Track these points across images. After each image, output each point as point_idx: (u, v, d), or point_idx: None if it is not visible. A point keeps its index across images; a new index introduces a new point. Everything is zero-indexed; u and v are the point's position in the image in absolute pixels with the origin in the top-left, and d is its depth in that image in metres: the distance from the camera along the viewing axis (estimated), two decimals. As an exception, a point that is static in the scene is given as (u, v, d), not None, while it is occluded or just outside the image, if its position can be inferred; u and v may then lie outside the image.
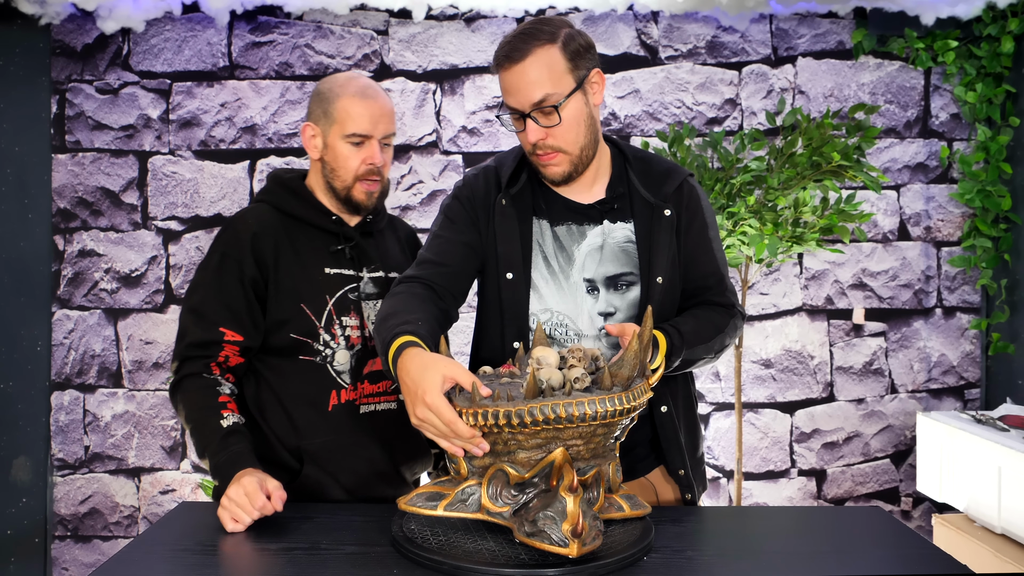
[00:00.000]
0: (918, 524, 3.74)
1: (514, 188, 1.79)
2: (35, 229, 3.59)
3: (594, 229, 1.78)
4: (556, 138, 1.68)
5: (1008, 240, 3.64)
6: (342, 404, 1.87)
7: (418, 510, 1.46)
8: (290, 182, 1.95)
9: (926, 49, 3.65)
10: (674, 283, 1.79)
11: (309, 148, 1.92)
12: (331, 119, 1.87)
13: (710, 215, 1.85)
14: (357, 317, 1.90)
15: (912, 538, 1.58)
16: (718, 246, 1.86)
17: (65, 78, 3.58)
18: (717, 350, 1.80)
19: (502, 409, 1.35)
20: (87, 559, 3.59)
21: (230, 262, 1.84)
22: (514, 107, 1.67)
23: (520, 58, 1.64)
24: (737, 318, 1.85)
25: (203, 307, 1.84)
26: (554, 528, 1.32)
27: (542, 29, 1.67)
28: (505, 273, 1.77)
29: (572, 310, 1.76)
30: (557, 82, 1.65)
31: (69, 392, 3.60)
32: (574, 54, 1.67)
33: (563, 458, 1.37)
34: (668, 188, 1.79)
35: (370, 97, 1.87)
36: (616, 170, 1.82)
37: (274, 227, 1.88)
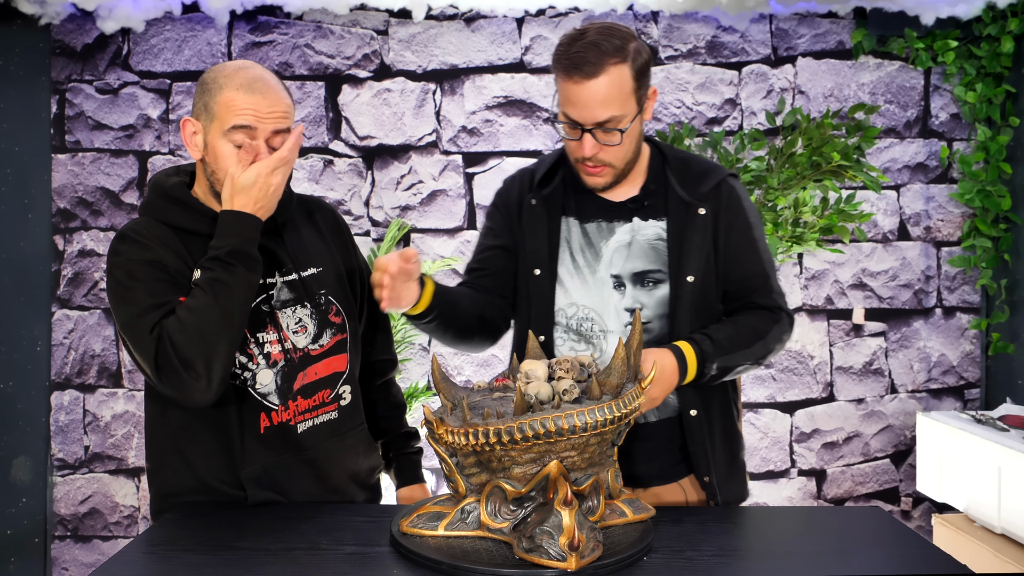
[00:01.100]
0: (918, 524, 3.74)
1: (547, 188, 1.82)
2: (35, 229, 3.59)
3: (623, 226, 1.79)
4: (608, 154, 1.69)
5: (1008, 240, 3.64)
6: (274, 426, 1.69)
7: (420, 531, 1.45)
8: (173, 190, 1.69)
9: (926, 49, 3.65)
10: (708, 283, 1.76)
11: (189, 147, 1.66)
12: (211, 113, 1.61)
13: (754, 215, 1.82)
14: (275, 330, 1.69)
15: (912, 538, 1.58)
16: (764, 246, 1.82)
17: (65, 78, 3.59)
18: (760, 356, 1.76)
19: (492, 427, 1.35)
20: (87, 559, 3.59)
21: (141, 266, 1.60)
22: (574, 119, 1.66)
23: (593, 74, 1.62)
24: (784, 322, 1.80)
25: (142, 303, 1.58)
26: (551, 543, 1.32)
27: (613, 42, 1.63)
28: (533, 269, 1.80)
29: (598, 305, 1.78)
30: (624, 104, 1.65)
31: (69, 392, 3.60)
32: (639, 73, 1.67)
33: (557, 471, 1.37)
34: (704, 187, 1.77)
35: (257, 91, 1.61)
36: (653, 170, 1.81)
37: (165, 243, 1.63)
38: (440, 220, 3.66)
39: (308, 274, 1.76)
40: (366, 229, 3.65)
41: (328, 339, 1.76)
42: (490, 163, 3.66)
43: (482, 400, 1.48)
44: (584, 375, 1.51)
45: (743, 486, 1.89)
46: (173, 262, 1.62)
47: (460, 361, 3.67)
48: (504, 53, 3.64)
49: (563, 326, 1.81)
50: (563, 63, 1.65)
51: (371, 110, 3.62)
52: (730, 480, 1.84)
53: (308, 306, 1.74)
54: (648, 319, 1.77)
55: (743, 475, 1.90)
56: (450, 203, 3.65)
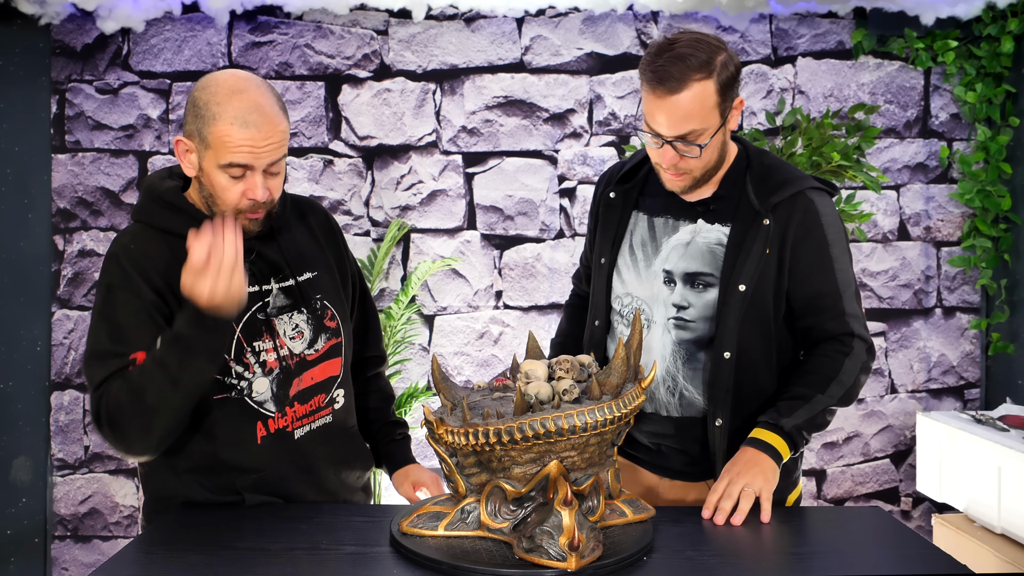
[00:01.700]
0: (918, 524, 3.74)
1: (627, 184, 1.89)
2: (35, 229, 3.59)
3: (688, 226, 1.81)
4: (688, 164, 1.71)
5: (1008, 240, 3.64)
6: (272, 434, 1.68)
7: (421, 531, 1.46)
8: (168, 195, 1.66)
9: (926, 49, 3.65)
10: (764, 295, 1.73)
11: (184, 164, 1.63)
12: (206, 142, 1.57)
13: (834, 232, 1.78)
14: (271, 338, 1.67)
15: (912, 538, 1.58)
16: (843, 267, 1.77)
17: (65, 78, 3.59)
18: (840, 396, 1.73)
19: (492, 427, 1.35)
20: (87, 559, 3.59)
21: (120, 294, 1.59)
22: (656, 131, 1.69)
23: (677, 89, 1.63)
24: (857, 350, 1.75)
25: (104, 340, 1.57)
26: (551, 543, 1.32)
27: (700, 56, 1.64)
28: (600, 259, 1.89)
29: (649, 296, 1.82)
30: (706, 118, 1.66)
31: (69, 392, 3.60)
32: (725, 87, 1.68)
33: (557, 471, 1.37)
34: (777, 198, 1.74)
35: (253, 124, 1.55)
36: (733, 173, 1.80)
37: (160, 253, 1.62)
38: (440, 220, 3.66)
39: (304, 279, 1.74)
40: (366, 229, 3.65)
41: (323, 343, 1.75)
42: (490, 163, 3.66)
43: (482, 400, 1.48)
44: (584, 375, 1.51)
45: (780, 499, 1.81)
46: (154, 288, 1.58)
47: (460, 361, 3.67)
48: (504, 53, 3.64)
49: (618, 312, 1.88)
50: (648, 75, 1.67)
51: (371, 110, 3.62)
52: None
53: (304, 312, 1.73)
54: (692, 319, 1.78)
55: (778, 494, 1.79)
56: (450, 203, 3.65)
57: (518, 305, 3.66)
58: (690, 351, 1.79)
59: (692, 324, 1.79)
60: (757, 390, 1.79)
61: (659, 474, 1.90)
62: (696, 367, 1.79)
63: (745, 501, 1.59)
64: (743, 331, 1.74)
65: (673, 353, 1.82)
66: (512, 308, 3.65)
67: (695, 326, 1.79)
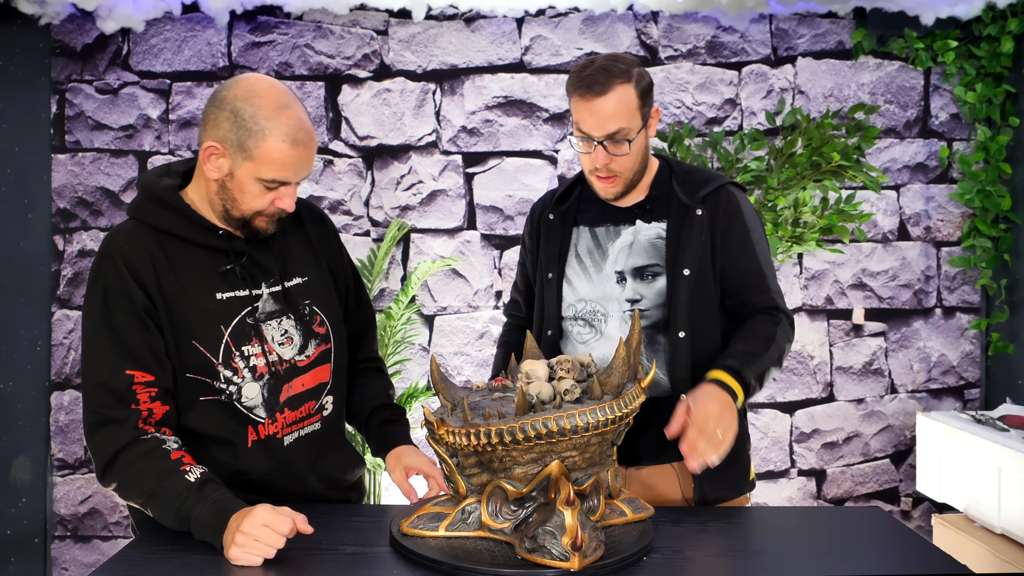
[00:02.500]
0: (918, 524, 3.74)
1: (564, 205, 2.07)
2: (35, 229, 3.59)
3: (628, 228, 1.98)
4: (618, 164, 1.89)
5: (1008, 240, 3.64)
6: (261, 440, 1.67)
7: (421, 532, 1.46)
8: (164, 194, 1.65)
9: (926, 49, 3.65)
10: (705, 277, 1.91)
11: (207, 167, 1.61)
12: (248, 155, 1.57)
13: (753, 220, 1.98)
14: (259, 343, 1.66)
15: (912, 538, 1.58)
16: (763, 250, 1.97)
17: (65, 78, 3.59)
18: (777, 359, 1.89)
19: (494, 427, 1.35)
20: (87, 559, 3.59)
21: (114, 296, 1.58)
22: (587, 133, 1.87)
23: (602, 92, 1.83)
24: (783, 323, 1.94)
25: (100, 352, 1.57)
26: (554, 543, 1.32)
27: (619, 66, 1.86)
28: (547, 274, 2.04)
29: (602, 297, 1.96)
30: (630, 118, 1.86)
31: (69, 392, 3.60)
32: (643, 93, 1.89)
33: (559, 471, 1.37)
34: (703, 191, 1.95)
35: (301, 143, 1.58)
36: (659, 180, 2.01)
37: (151, 252, 1.61)
38: (440, 220, 3.66)
39: (293, 284, 1.73)
40: (366, 229, 3.65)
41: (313, 350, 1.74)
42: (490, 163, 3.66)
43: (482, 400, 1.48)
44: (584, 375, 1.51)
45: (741, 479, 1.95)
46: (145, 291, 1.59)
47: (460, 362, 3.67)
48: (504, 53, 3.64)
49: (571, 318, 2.01)
50: (576, 85, 1.86)
51: (371, 110, 3.62)
52: (726, 471, 1.88)
53: (292, 317, 1.71)
54: (647, 308, 1.93)
55: (744, 470, 1.96)
56: (450, 203, 3.65)
57: (518, 305, 3.66)
58: (649, 335, 1.93)
59: (647, 312, 1.93)
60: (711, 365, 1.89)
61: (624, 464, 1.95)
62: (657, 348, 1.93)
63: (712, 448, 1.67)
64: (693, 311, 1.90)
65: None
66: (512, 308, 3.65)
67: (650, 313, 1.93)
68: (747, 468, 1.97)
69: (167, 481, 1.50)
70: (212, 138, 1.58)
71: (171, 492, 1.49)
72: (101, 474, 1.57)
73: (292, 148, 1.57)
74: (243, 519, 1.42)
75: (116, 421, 1.54)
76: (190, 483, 1.49)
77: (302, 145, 1.58)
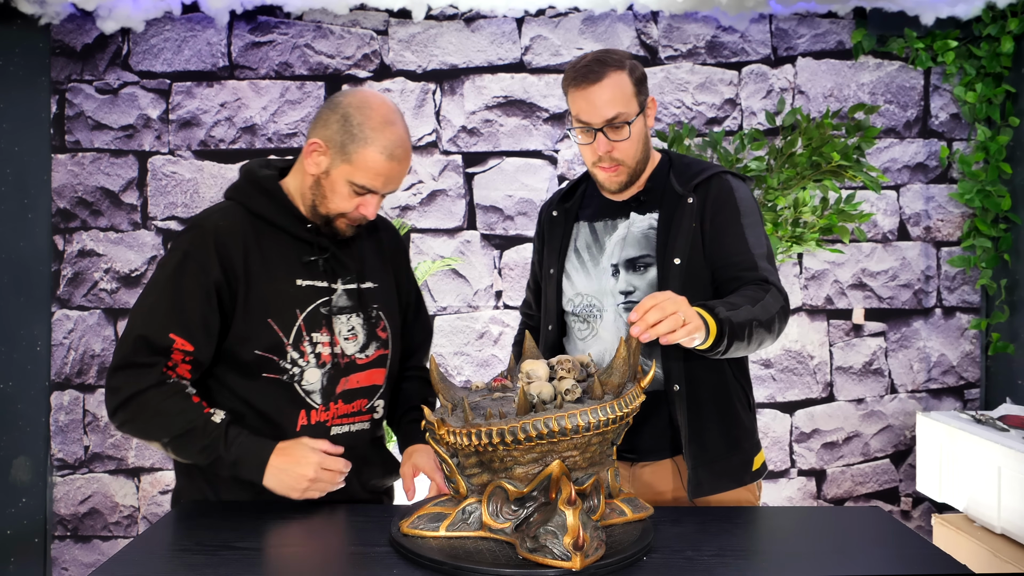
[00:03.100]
0: (918, 524, 3.74)
1: (568, 202, 2.08)
2: (35, 229, 3.59)
3: (623, 221, 1.99)
4: (620, 151, 1.90)
5: (1008, 240, 3.64)
6: (311, 425, 1.74)
7: (421, 532, 1.46)
8: (265, 181, 1.78)
9: (926, 49, 3.65)
10: (696, 265, 1.89)
11: (309, 162, 1.73)
12: (347, 158, 1.69)
13: (746, 205, 1.94)
14: (329, 332, 1.75)
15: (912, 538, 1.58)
16: (756, 235, 1.91)
17: (65, 78, 3.58)
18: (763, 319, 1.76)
19: (495, 427, 1.35)
20: (87, 559, 3.59)
21: (192, 264, 1.68)
22: (586, 122, 1.88)
23: (597, 79, 1.86)
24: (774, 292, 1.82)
25: (155, 309, 1.67)
26: (555, 543, 1.32)
27: (612, 57, 1.90)
28: (549, 269, 2.05)
29: (597, 291, 1.97)
30: (626, 103, 1.88)
31: (69, 392, 3.60)
32: (638, 81, 1.91)
33: (560, 471, 1.37)
34: (696, 180, 1.94)
35: (397, 159, 1.70)
36: (658, 172, 2.00)
37: (244, 231, 1.72)
38: (440, 220, 3.66)
39: (366, 286, 1.83)
40: (366, 229, 3.65)
41: (373, 351, 1.82)
42: (490, 163, 3.66)
43: (482, 400, 1.48)
44: (584, 375, 1.51)
45: (741, 469, 1.92)
46: (224, 267, 1.68)
47: (460, 362, 3.67)
48: (504, 53, 3.64)
49: (570, 313, 2.02)
50: (572, 79, 1.90)
51: (371, 110, 3.62)
52: (724, 462, 1.88)
53: (361, 316, 1.81)
54: (639, 299, 1.86)
55: (745, 460, 1.93)
56: (450, 203, 3.65)
57: (518, 305, 3.66)
58: None
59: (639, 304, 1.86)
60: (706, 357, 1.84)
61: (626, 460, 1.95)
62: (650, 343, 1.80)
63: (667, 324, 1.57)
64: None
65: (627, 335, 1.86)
66: (512, 308, 3.65)
67: None
68: (748, 459, 1.94)
69: (194, 422, 1.64)
70: (319, 136, 1.71)
71: (198, 432, 1.63)
72: (114, 411, 1.66)
73: (388, 161, 1.69)
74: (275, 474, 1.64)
75: (144, 366, 1.65)
76: (217, 424, 1.64)
77: (397, 160, 1.70)
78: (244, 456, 1.65)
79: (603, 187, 1.98)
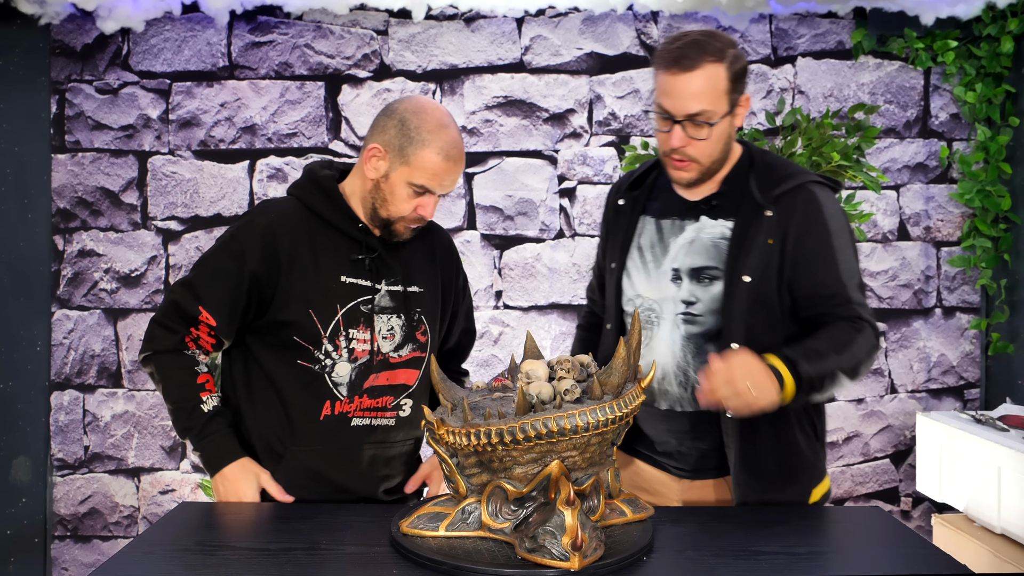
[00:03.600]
0: (918, 524, 3.74)
1: (636, 190, 1.94)
2: (35, 229, 3.59)
3: (692, 224, 1.85)
4: (696, 149, 1.76)
5: (1008, 240, 3.64)
6: (334, 415, 1.81)
7: (421, 532, 1.46)
8: (324, 181, 1.87)
9: (926, 49, 3.65)
10: (768, 285, 1.75)
11: (368, 167, 1.81)
12: (406, 160, 1.77)
13: (836, 224, 1.79)
14: (367, 330, 1.82)
15: (912, 538, 1.58)
16: (845, 257, 1.78)
17: (65, 78, 3.59)
18: (850, 366, 1.69)
19: (494, 427, 1.35)
20: (87, 559, 3.59)
21: (236, 245, 1.80)
22: (668, 110, 1.74)
23: (690, 67, 1.70)
24: (867, 332, 1.73)
25: (192, 280, 1.82)
26: (554, 543, 1.32)
27: (713, 44, 1.72)
28: (611, 264, 1.93)
29: (658, 296, 1.85)
30: (716, 100, 1.72)
31: (69, 392, 3.60)
32: (735, 77, 1.74)
33: (559, 471, 1.37)
34: (779, 190, 1.78)
35: (452, 159, 1.79)
36: (736, 172, 1.84)
37: (296, 224, 1.82)
38: (440, 220, 3.63)
39: (411, 290, 1.89)
40: (366, 229, 3.65)
41: (408, 352, 1.87)
42: (490, 163, 3.66)
43: (482, 400, 1.48)
44: (584, 375, 1.51)
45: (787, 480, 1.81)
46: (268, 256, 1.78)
47: (460, 361, 3.67)
48: (504, 53, 3.64)
49: (628, 314, 1.90)
50: (664, 57, 1.73)
51: (371, 110, 3.62)
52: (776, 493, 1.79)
53: (402, 317, 1.87)
54: (700, 313, 1.81)
55: (801, 492, 1.83)
56: (450, 203, 3.65)
57: (518, 305, 3.66)
58: (699, 344, 1.80)
59: (700, 318, 1.80)
60: None
61: (677, 475, 1.89)
62: (706, 359, 1.75)
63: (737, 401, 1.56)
64: (750, 322, 1.75)
65: (683, 348, 1.82)
66: (512, 308, 3.66)
67: (703, 320, 1.80)
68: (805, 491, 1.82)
69: (186, 401, 1.79)
70: (377, 141, 1.80)
71: (184, 412, 1.78)
72: (142, 359, 1.85)
73: (444, 161, 1.77)
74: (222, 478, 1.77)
75: (171, 330, 1.81)
76: (202, 412, 1.78)
77: (452, 161, 1.79)
78: (206, 455, 1.80)
79: (673, 180, 1.85)
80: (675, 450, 1.88)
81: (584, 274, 3.63)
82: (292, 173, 3.59)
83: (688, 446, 1.85)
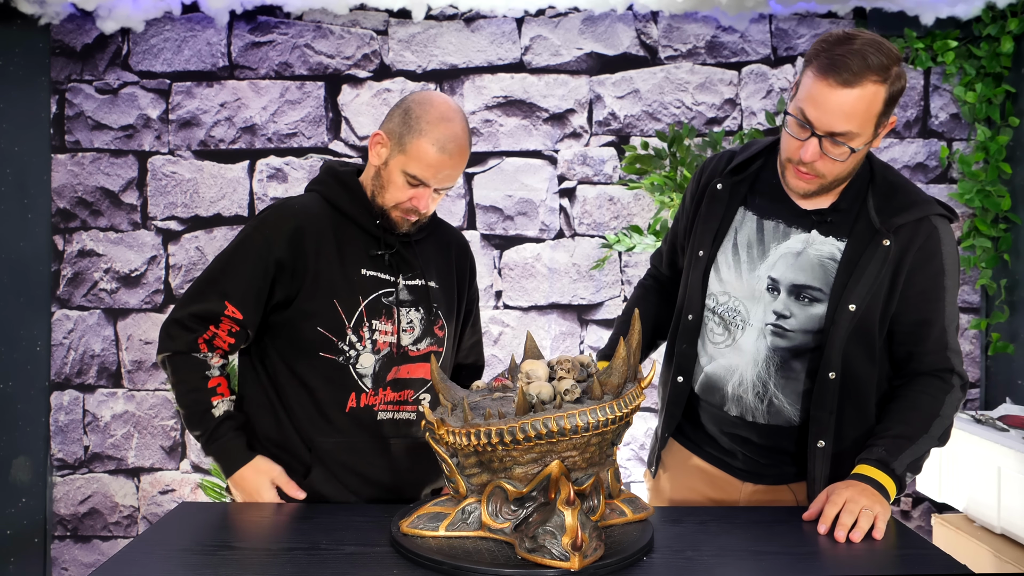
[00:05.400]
0: (918, 524, 3.74)
1: (737, 176, 1.80)
2: (35, 229, 3.59)
3: (800, 235, 1.73)
4: (825, 167, 1.63)
5: (1008, 240, 3.64)
6: (360, 408, 1.84)
7: (421, 532, 1.46)
8: (344, 176, 1.91)
9: (926, 49, 3.65)
10: (872, 316, 1.68)
11: (372, 154, 1.85)
12: (403, 148, 1.80)
13: (951, 263, 1.70)
14: (389, 323, 1.85)
15: (912, 538, 1.58)
16: (952, 299, 1.71)
17: (65, 78, 3.58)
18: (941, 435, 1.68)
19: (494, 427, 1.35)
20: (87, 559, 3.59)
21: (259, 237, 1.82)
22: (810, 120, 1.59)
23: (850, 83, 1.55)
24: (956, 389, 1.70)
25: (216, 276, 1.82)
26: (554, 543, 1.32)
27: (879, 59, 1.56)
28: (698, 250, 1.82)
29: (749, 299, 1.76)
30: (865, 123, 1.59)
31: (69, 392, 3.60)
32: (891, 99, 1.60)
33: (559, 471, 1.37)
34: (901, 219, 1.67)
35: (448, 153, 1.78)
36: (855, 186, 1.73)
37: (321, 218, 1.85)
38: (440, 220, 3.66)
39: (429, 283, 1.92)
40: (366, 229, 3.65)
41: (426, 346, 1.90)
42: (490, 163, 3.66)
43: (482, 400, 1.48)
44: (584, 375, 1.51)
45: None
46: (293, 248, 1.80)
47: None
48: (504, 53, 3.64)
49: (711, 310, 1.82)
50: (823, 61, 1.57)
51: (371, 110, 3.62)
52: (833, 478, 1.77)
53: (422, 311, 1.90)
54: (792, 328, 1.73)
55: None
56: (450, 203, 3.65)
57: (518, 305, 3.66)
58: (784, 359, 1.75)
59: (791, 334, 1.73)
60: (860, 414, 1.74)
61: (736, 476, 1.87)
62: (789, 376, 1.74)
63: (865, 519, 1.54)
64: (848, 351, 1.69)
65: (767, 359, 1.77)
66: (512, 308, 3.66)
67: (794, 336, 1.73)
68: None
69: (197, 405, 1.80)
70: (382, 129, 1.84)
71: (195, 418, 1.80)
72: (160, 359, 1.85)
73: (439, 153, 1.78)
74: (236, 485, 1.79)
75: (187, 329, 1.81)
76: (212, 416, 1.80)
77: (448, 155, 1.78)
78: (219, 460, 1.82)
79: (787, 185, 1.71)
80: (739, 453, 1.86)
81: (584, 274, 3.63)
82: (292, 173, 3.60)
83: (753, 456, 1.83)
